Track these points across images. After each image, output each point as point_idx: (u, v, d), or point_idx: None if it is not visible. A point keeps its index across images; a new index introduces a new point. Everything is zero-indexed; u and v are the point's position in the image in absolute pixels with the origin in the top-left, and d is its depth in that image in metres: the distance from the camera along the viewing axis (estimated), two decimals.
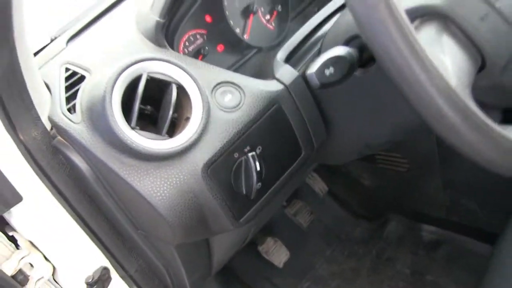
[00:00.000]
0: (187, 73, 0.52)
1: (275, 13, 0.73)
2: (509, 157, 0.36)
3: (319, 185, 1.30)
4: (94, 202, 0.55)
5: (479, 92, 0.43)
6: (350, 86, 0.52)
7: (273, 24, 0.74)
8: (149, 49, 0.56)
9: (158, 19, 0.56)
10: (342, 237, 1.24)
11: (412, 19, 0.42)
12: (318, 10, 0.73)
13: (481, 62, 0.42)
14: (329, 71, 0.46)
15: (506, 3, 0.40)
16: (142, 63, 0.50)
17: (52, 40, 0.63)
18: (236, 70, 0.68)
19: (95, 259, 0.60)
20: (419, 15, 0.42)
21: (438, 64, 0.35)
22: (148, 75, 0.50)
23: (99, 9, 0.66)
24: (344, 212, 1.28)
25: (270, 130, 0.56)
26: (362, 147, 0.66)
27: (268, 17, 0.73)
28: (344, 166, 1.24)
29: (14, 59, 0.44)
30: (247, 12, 0.70)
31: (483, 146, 0.35)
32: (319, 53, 0.61)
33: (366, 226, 1.26)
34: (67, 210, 0.54)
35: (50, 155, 0.51)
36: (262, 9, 0.72)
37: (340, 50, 0.47)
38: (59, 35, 0.63)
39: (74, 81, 0.54)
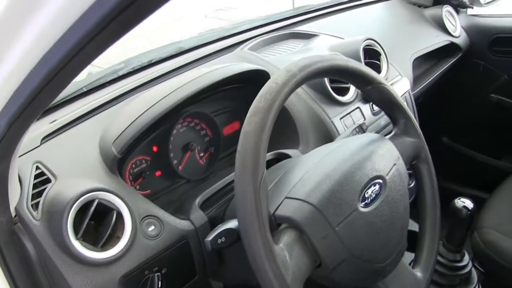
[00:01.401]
0: (127, 205, 0.69)
1: (208, 152, 0.93)
2: None
3: None
4: (33, 280, 0.69)
5: (319, 279, 0.64)
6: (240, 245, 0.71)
7: (204, 161, 0.93)
8: (104, 175, 0.72)
9: (117, 154, 0.73)
10: None
11: (280, 222, 0.62)
12: None
13: (319, 262, 0.62)
14: (221, 240, 0.65)
15: (342, 228, 0.62)
16: (96, 192, 0.67)
17: None
18: (165, 194, 0.87)
19: None
20: (286, 221, 0.62)
21: (282, 262, 0.55)
22: (98, 201, 0.67)
23: (72, 116, 0.82)
24: None
25: (175, 258, 0.73)
26: (242, 280, 0.85)
27: (202, 154, 0.92)
28: None
29: (5, 167, 0.59)
30: (186, 148, 0.89)
31: None
32: (227, 204, 0.79)
33: None
34: (7, 281, 0.67)
35: (8, 235, 0.65)
36: (199, 147, 0.92)
37: (233, 223, 0.65)
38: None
39: (41, 180, 0.69)
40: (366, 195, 0.65)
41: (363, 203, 0.64)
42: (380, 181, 0.67)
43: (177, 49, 1.15)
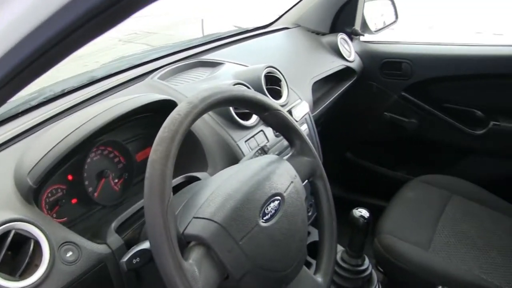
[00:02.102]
0: (44, 233, 0.72)
1: (122, 179, 0.98)
2: None
3: None
4: None
5: None
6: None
7: (119, 187, 0.98)
8: (20, 205, 0.75)
9: (32, 185, 0.77)
10: None
11: (189, 240, 0.69)
12: None
13: (226, 275, 0.70)
14: (136, 260, 0.70)
15: (245, 242, 0.70)
16: (12, 223, 0.70)
17: None
18: (82, 221, 0.90)
19: None
20: (194, 239, 0.69)
21: (191, 277, 0.62)
22: (15, 231, 0.70)
23: None
24: None
25: (95, 281, 0.77)
26: None
27: (116, 181, 0.97)
28: None
29: None
30: (100, 176, 0.93)
31: None
32: (142, 226, 0.85)
33: None
34: None
35: None
36: (113, 174, 0.97)
37: (147, 244, 0.71)
38: None
39: None
40: (266, 211, 0.74)
41: (264, 218, 0.73)
42: (279, 198, 0.76)
43: (89, 78, 1.20)
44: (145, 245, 0.70)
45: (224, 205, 0.70)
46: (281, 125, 0.86)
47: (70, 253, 0.75)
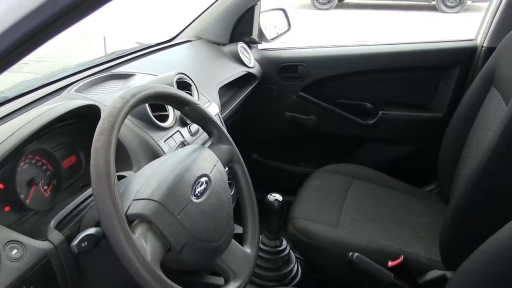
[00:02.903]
0: None
1: (51, 185, 1.04)
2: None
3: None
4: None
5: (171, 262, 0.82)
6: (99, 250, 0.85)
7: (48, 193, 1.03)
8: None
9: None
10: None
11: (134, 219, 0.78)
12: (83, 185, 1.07)
13: (169, 246, 0.80)
14: (84, 244, 0.78)
15: (182, 216, 0.81)
16: None
17: None
18: (18, 226, 0.94)
19: None
20: (137, 218, 0.78)
21: (141, 249, 0.71)
22: None
23: None
24: None
25: (40, 275, 0.82)
26: None
27: (45, 187, 1.02)
28: None
29: None
30: (31, 183, 0.98)
31: None
32: (79, 224, 0.92)
33: None
34: None
35: None
36: (42, 181, 1.02)
37: (92, 230, 0.79)
38: None
39: None
40: (197, 190, 0.86)
41: (195, 196, 0.85)
42: (206, 178, 0.89)
43: (1, 98, 1.23)
44: (91, 230, 0.79)
45: (160, 186, 0.81)
46: (200, 117, 0.98)
47: (15, 251, 0.80)
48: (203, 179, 0.88)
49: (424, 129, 2.00)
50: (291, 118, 2.08)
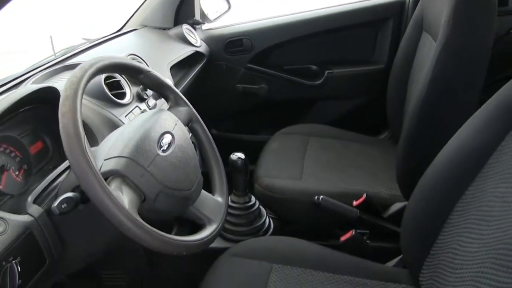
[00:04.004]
0: None
1: (22, 170, 1.08)
2: (156, 241, 0.79)
3: None
4: None
5: (148, 212, 0.88)
6: (77, 215, 0.90)
7: (21, 178, 1.07)
8: None
9: None
10: None
11: (107, 176, 0.84)
12: (53, 167, 1.11)
13: (143, 197, 0.87)
14: (64, 205, 0.84)
15: (152, 168, 0.87)
16: None
17: None
18: None
19: None
20: (110, 174, 0.84)
21: (119, 198, 0.77)
22: None
23: None
24: None
25: (25, 247, 0.86)
26: (86, 256, 1.03)
27: (17, 173, 1.06)
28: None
29: None
30: (2, 170, 1.02)
31: (146, 238, 0.78)
32: (56, 195, 0.97)
33: None
34: None
35: None
36: (13, 167, 1.06)
37: (70, 194, 0.84)
38: None
39: None
40: (162, 145, 0.93)
41: (162, 150, 0.92)
42: (169, 134, 0.96)
43: None
44: (68, 194, 0.84)
45: (127, 144, 0.87)
46: (155, 83, 1.04)
47: None
48: (167, 135, 0.95)
49: (369, 81, 2.13)
50: (243, 89, 2.17)
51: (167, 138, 0.94)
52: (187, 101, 1.10)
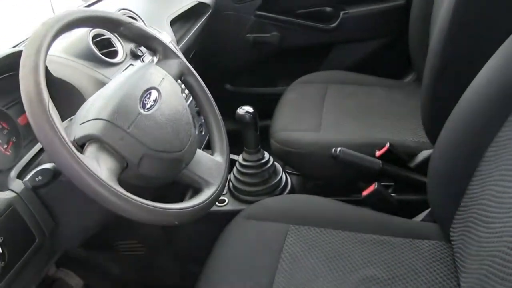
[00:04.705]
0: None
1: (11, 143, 1.00)
2: (139, 210, 0.71)
3: (74, 281, 1.49)
4: None
5: (134, 179, 0.80)
6: (62, 187, 0.82)
7: (10, 151, 1.00)
8: None
9: None
10: None
11: (83, 142, 0.75)
12: None
13: (126, 163, 0.78)
14: (38, 178, 0.76)
15: (133, 129, 0.78)
16: None
17: None
18: None
19: None
20: (86, 139, 0.75)
21: (91, 166, 0.68)
22: None
23: None
24: None
25: (9, 225, 0.80)
26: (82, 230, 0.96)
27: (6, 146, 0.99)
28: (93, 259, 1.48)
29: None
30: None
31: (126, 208, 0.70)
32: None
33: None
34: None
35: None
36: (1, 141, 0.99)
37: (48, 165, 0.77)
38: None
39: None
40: (146, 102, 0.83)
41: (145, 108, 0.82)
42: (155, 90, 0.86)
43: None
44: (46, 165, 0.76)
45: (106, 105, 0.78)
46: (139, 35, 0.93)
47: None
48: (153, 91, 0.85)
49: (389, 19, 1.96)
50: (254, 39, 2.03)
51: (152, 95, 0.84)
52: (179, 52, 0.99)
